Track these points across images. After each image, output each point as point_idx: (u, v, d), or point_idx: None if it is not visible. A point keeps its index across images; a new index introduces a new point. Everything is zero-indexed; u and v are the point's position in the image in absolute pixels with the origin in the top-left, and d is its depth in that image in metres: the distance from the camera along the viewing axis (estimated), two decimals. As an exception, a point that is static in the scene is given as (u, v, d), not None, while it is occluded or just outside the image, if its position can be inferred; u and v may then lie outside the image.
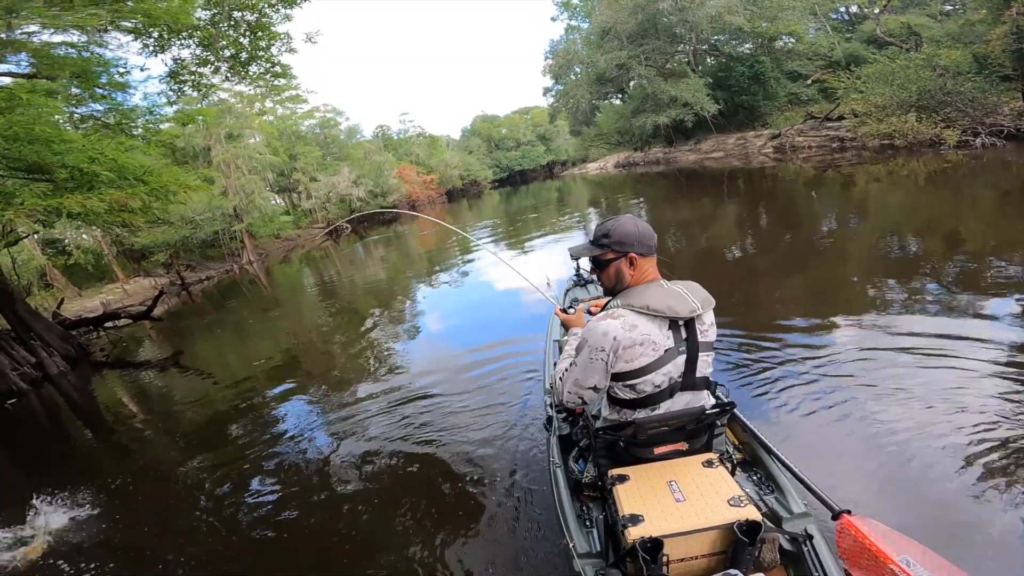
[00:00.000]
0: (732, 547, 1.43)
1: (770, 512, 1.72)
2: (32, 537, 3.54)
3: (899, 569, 1.33)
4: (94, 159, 6.55)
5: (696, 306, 1.57)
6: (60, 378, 8.07)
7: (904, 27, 19.38)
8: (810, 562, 1.48)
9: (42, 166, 6.40)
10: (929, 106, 13.67)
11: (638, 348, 1.55)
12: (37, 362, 7.87)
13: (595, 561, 1.61)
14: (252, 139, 28.58)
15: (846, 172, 13.34)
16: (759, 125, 24.48)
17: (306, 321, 9.79)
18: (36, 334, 8.33)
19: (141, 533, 3.49)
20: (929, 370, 3.27)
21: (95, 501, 4.01)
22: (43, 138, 6.03)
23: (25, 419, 6.88)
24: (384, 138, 48.92)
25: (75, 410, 7.13)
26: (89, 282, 19.25)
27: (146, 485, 4.26)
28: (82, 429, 6.41)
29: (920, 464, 2.52)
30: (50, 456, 5.36)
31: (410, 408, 4.38)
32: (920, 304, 4.45)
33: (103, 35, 8.24)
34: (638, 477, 1.63)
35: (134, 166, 6.95)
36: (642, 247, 1.64)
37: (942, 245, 6.09)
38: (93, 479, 4.49)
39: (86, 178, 6.58)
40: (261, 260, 25.29)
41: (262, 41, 8.59)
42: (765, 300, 5.46)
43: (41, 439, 6.11)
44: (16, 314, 8.25)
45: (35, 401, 7.31)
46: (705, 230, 10.07)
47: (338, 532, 3.04)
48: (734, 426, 2.13)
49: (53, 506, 3.93)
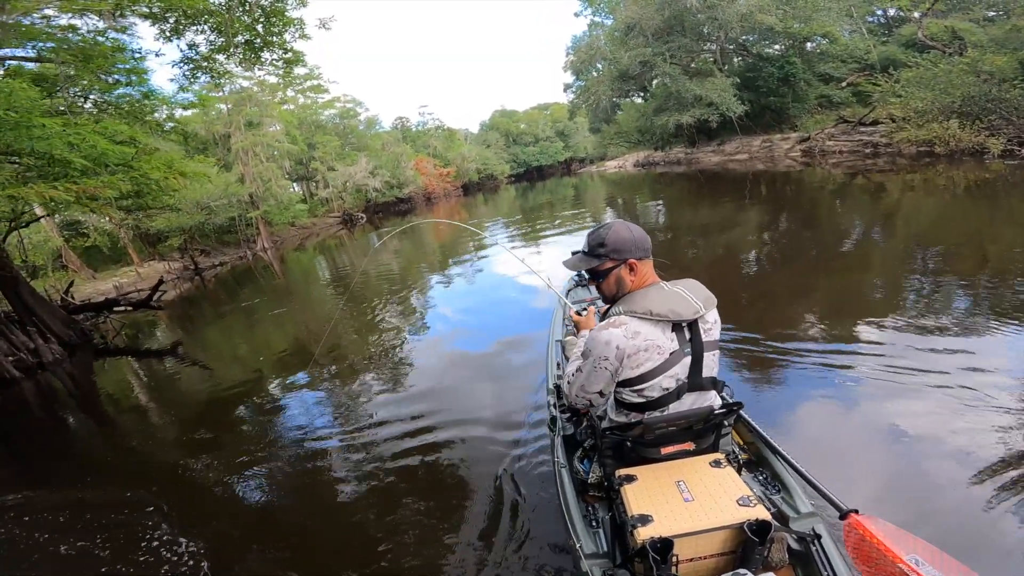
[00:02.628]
0: (741, 547, 1.42)
1: (777, 512, 1.70)
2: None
3: (908, 568, 1.30)
4: (73, 145, 6.22)
5: (698, 306, 1.55)
6: (55, 366, 7.86)
7: (948, 31, 18.58)
8: (819, 561, 1.47)
9: (15, 151, 6.17)
10: (972, 113, 13.05)
11: (642, 354, 1.54)
12: (34, 348, 7.71)
13: (602, 561, 1.59)
14: (272, 127, 28.59)
15: (877, 179, 12.78)
16: (787, 128, 23.80)
17: (314, 311, 9.68)
18: (38, 319, 8.19)
19: (122, 531, 3.28)
20: (942, 376, 3.22)
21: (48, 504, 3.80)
22: (12, 122, 5.74)
23: (9, 410, 6.62)
24: (403, 130, 48.88)
25: (60, 402, 6.87)
26: (105, 265, 19.37)
27: (129, 480, 4.07)
28: (63, 423, 6.15)
29: (929, 466, 2.51)
30: (20, 453, 5.16)
31: (412, 406, 4.37)
32: (937, 312, 4.30)
33: (120, 20, 8.11)
34: (646, 477, 1.62)
35: (114, 153, 6.59)
36: (639, 251, 1.62)
37: (970, 257, 5.78)
38: (59, 477, 4.32)
39: (58, 165, 6.28)
40: (276, 247, 25.35)
41: (276, 27, 8.36)
42: (777, 302, 5.40)
43: (15, 433, 5.89)
44: (20, 297, 8.13)
45: (26, 390, 7.09)
46: (723, 232, 9.72)
47: (340, 531, 2.99)
48: (739, 426, 2.11)
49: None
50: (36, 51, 7.38)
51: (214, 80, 9.67)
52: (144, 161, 7.54)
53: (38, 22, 7.32)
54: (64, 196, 6.30)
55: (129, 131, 7.48)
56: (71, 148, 6.12)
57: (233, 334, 9.06)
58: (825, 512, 1.69)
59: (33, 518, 3.65)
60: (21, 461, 5.03)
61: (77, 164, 6.15)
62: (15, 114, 5.68)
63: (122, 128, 7.14)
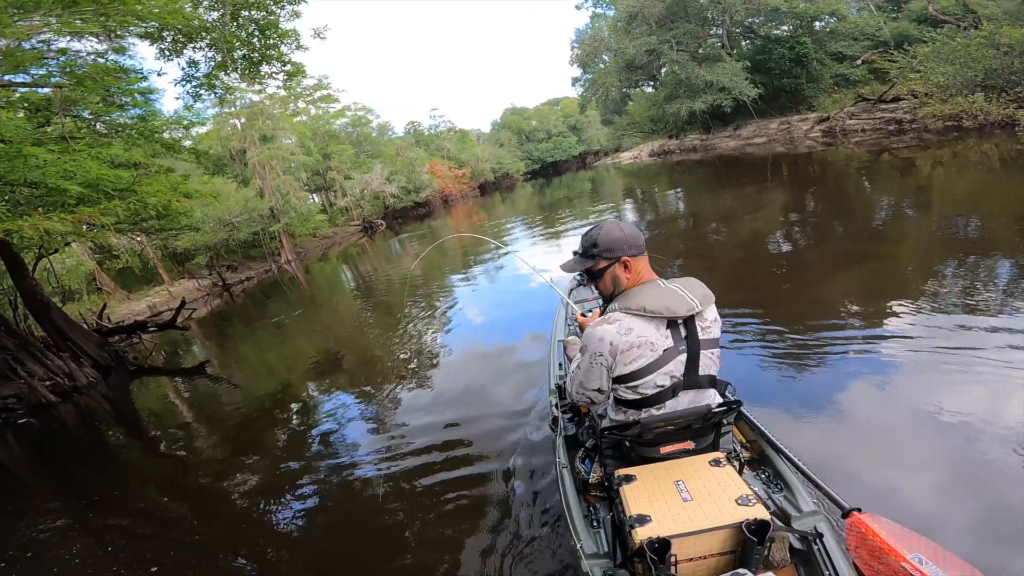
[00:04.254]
0: (741, 546, 1.41)
1: (779, 511, 1.70)
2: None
3: (912, 567, 1.29)
4: (68, 173, 6.02)
5: (694, 304, 1.55)
6: (89, 389, 8.02)
7: (959, 4, 17.93)
8: (821, 561, 1.45)
9: (9, 181, 6.04)
10: (997, 86, 12.61)
11: (635, 351, 1.55)
12: (69, 372, 7.90)
13: (603, 561, 1.60)
14: (286, 140, 29.04)
15: (904, 156, 12.38)
16: (804, 108, 23.25)
17: (335, 319, 9.96)
18: (72, 343, 8.41)
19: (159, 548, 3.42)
20: (946, 375, 3.12)
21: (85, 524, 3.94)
22: (3, 152, 5.64)
23: (50, 433, 6.76)
24: (415, 134, 49.15)
25: (93, 424, 7.02)
26: (138, 285, 19.97)
27: (164, 501, 4.24)
28: (97, 444, 6.27)
29: (935, 464, 2.47)
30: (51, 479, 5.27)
31: (421, 407, 4.46)
32: (971, 299, 4.04)
33: (119, 40, 8.11)
34: (645, 477, 1.62)
35: (109, 179, 6.38)
36: (632, 248, 1.64)
37: (1000, 235, 5.42)
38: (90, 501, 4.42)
39: (53, 195, 6.11)
40: (300, 259, 25.78)
41: (271, 39, 8.38)
42: (803, 288, 5.28)
43: (50, 458, 5.94)
44: (53, 323, 8.36)
45: (64, 412, 7.26)
46: (740, 220, 9.51)
47: (340, 530, 3.05)
48: (741, 424, 2.10)
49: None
50: (31, 77, 7.36)
51: (218, 96, 9.78)
52: (146, 184, 7.41)
53: (37, 46, 7.28)
54: (60, 228, 6.10)
55: (127, 154, 7.36)
56: (66, 176, 6.03)
57: (262, 347, 9.28)
58: (828, 511, 1.68)
59: (67, 534, 3.81)
60: (56, 481, 5.21)
61: (73, 192, 6.01)
62: (4, 144, 5.66)
63: (117, 151, 6.98)
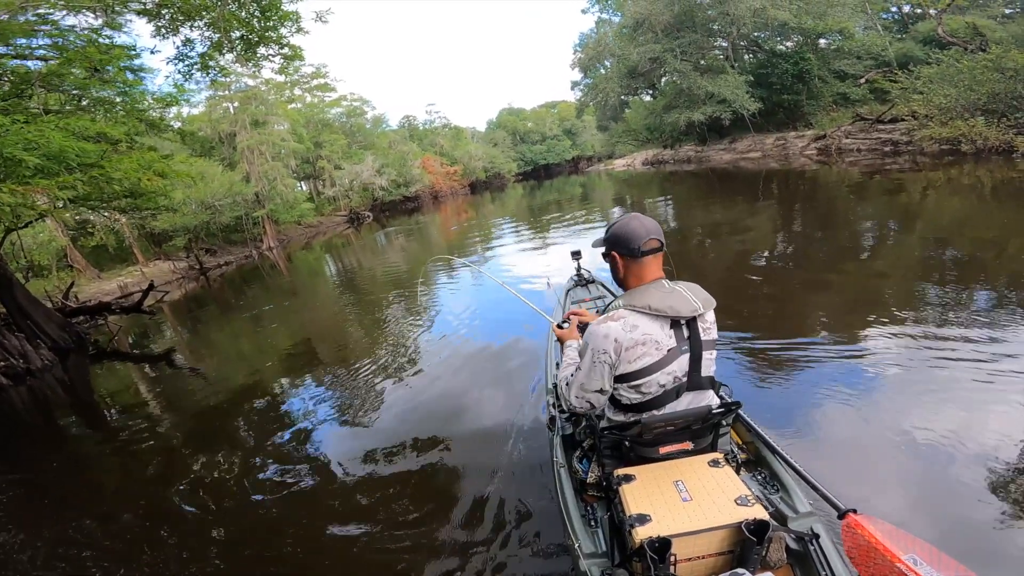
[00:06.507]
0: (739, 546, 1.42)
1: (776, 511, 1.69)
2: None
3: (907, 568, 1.29)
4: (30, 145, 5.60)
5: (697, 305, 1.56)
6: (43, 372, 7.53)
7: (968, 27, 18.05)
8: (817, 561, 1.46)
9: None
10: (998, 110, 12.61)
11: (640, 348, 1.55)
12: (24, 353, 7.44)
13: (601, 561, 1.58)
14: (279, 126, 28.47)
15: (896, 178, 12.33)
16: (801, 125, 23.32)
17: (317, 310, 9.54)
18: (32, 322, 7.94)
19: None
20: (943, 378, 3.21)
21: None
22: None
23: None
24: (410, 128, 48.70)
25: (41, 411, 6.58)
26: (111, 264, 19.29)
27: (111, 494, 3.93)
28: (41, 433, 5.86)
29: (929, 466, 2.50)
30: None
31: (412, 407, 4.33)
32: (949, 315, 4.17)
33: (115, 16, 7.86)
34: (644, 477, 1.62)
35: (73, 150, 5.98)
36: (621, 247, 1.64)
37: (986, 259, 5.52)
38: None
39: (9, 165, 5.68)
40: (282, 246, 25.26)
41: (271, 21, 8.08)
42: (786, 301, 5.36)
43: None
44: (14, 300, 7.89)
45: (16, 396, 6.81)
46: (732, 231, 9.41)
47: (340, 530, 2.93)
48: (738, 426, 2.10)
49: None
50: (13, 49, 7.06)
51: (211, 78, 9.38)
52: (116, 160, 7.03)
53: (32, 19, 7.09)
54: (9, 200, 5.74)
55: (100, 127, 6.99)
56: (28, 147, 5.66)
57: (235, 335, 8.89)
58: (824, 512, 1.69)
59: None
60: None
61: (30, 163, 5.60)
62: None
63: (85, 124, 6.59)
